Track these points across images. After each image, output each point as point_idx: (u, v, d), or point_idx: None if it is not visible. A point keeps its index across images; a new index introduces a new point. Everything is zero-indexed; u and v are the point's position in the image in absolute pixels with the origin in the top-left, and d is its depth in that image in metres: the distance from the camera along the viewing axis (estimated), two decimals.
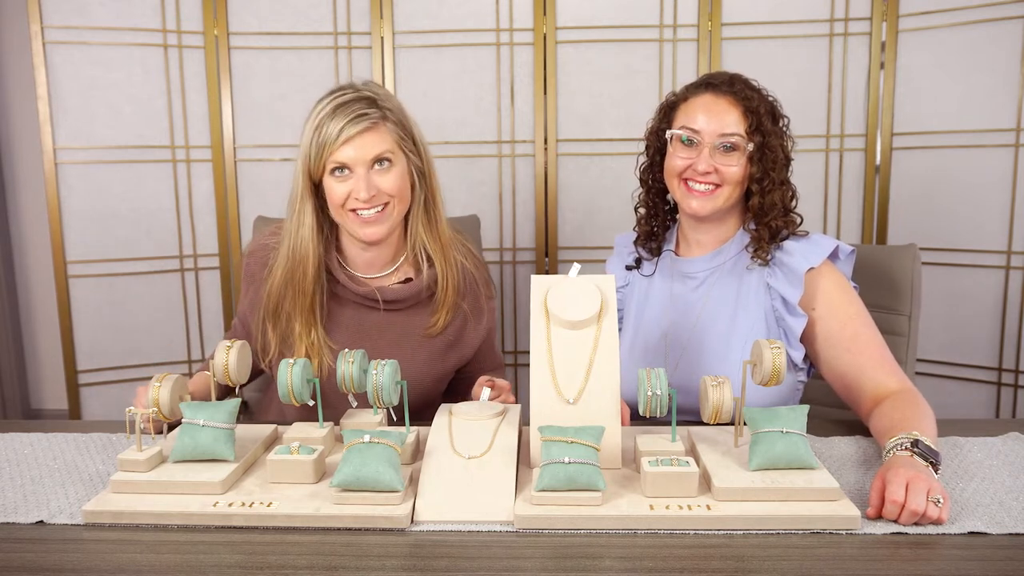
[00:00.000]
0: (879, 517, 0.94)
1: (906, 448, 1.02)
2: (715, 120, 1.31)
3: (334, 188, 1.30)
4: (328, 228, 1.38)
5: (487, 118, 2.58)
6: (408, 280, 1.41)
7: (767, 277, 1.35)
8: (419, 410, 1.36)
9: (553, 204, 2.59)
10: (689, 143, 1.33)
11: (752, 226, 1.38)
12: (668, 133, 1.37)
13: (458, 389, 1.54)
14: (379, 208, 1.31)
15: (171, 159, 2.61)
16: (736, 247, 1.40)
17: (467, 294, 1.44)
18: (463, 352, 1.46)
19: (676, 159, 1.35)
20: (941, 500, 0.92)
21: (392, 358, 1.36)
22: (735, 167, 1.32)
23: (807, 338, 1.33)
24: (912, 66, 2.41)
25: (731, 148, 1.31)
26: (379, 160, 1.30)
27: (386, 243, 1.39)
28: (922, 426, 1.07)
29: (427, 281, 1.39)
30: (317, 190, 1.33)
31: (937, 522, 0.92)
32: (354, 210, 1.31)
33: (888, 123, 2.46)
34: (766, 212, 1.34)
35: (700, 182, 1.33)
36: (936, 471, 1.00)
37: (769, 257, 1.35)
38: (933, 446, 1.02)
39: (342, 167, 1.29)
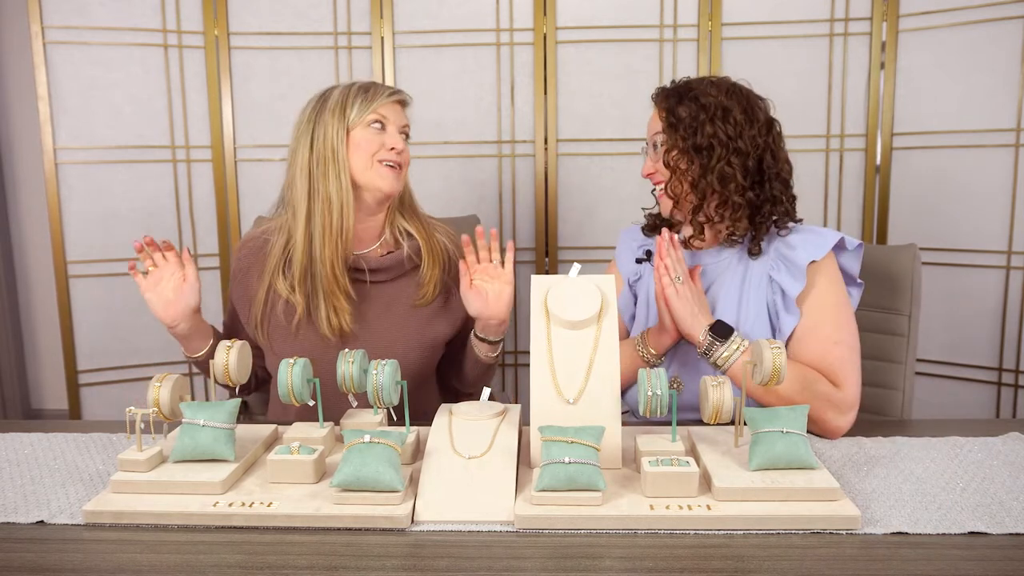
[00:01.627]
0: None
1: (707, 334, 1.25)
2: (650, 128, 1.44)
3: (370, 139, 1.42)
4: None
5: (487, 118, 2.58)
6: (390, 253, 1.50)
7: (770, 271, 1.35)
8: (414, 387, 1.44)
9: (553, 204, 2.59)
10: (645, 154, 1.47)
11: (696, 215, 1.39)
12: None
13: (452, 362, 1.59)
14: (397, 166, 1.44)
15: (171, 159, 2.61)
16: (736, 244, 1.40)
17: (450, 268, 1.53)
18: (451, 318, 1.51)
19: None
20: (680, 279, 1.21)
21: (382, 326, 1.45)
22: (658, 160, 1.41)
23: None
24: (912, 66, 2.42)
25: (656, 146, 1.41)
26: (405, 129, 1.48)
27: (372, 221, 1.49)
28: (790, 377, 1.21)
29: (408, 252, 1.48)
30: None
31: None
32: (381, 161, 1.42)
33: (888, 123, 2.46)
34: (701, 200, 1.37)
35: (654, 185, 1.44)
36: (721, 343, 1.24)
37: (702, 240, 1.41)
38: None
39: (381, 121, 1.43)
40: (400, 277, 1.48)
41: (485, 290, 1.38)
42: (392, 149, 1.42)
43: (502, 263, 1.38)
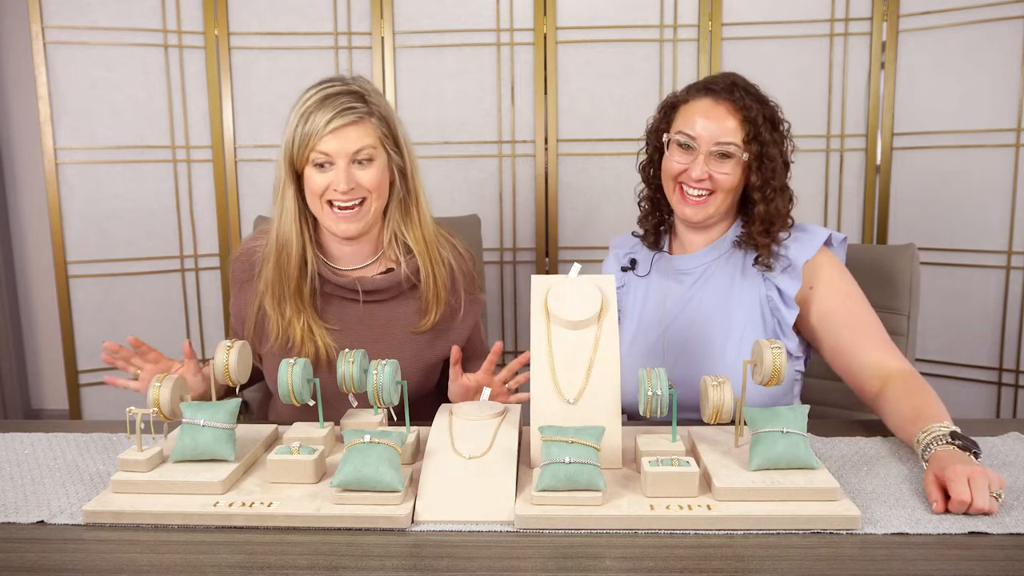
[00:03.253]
0: (946, 511, 0.94)
1: (947, 442, 1.02)
2: (712, 127, 1.32)
3: (314, 179, 1.32)
4: (311, 221, 1.40)
5: (487, 118, 2.58)
6: (389, 271, 1.42)
7: (763, 269, 1.36)
8: (413, 403, 1.36)
9: (553, 204, 2.59)
10: (686, 147, 1.34)
11: (758, 233, 1.36)
12: (665, 137, 1.38)
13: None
14: (356, 203, 1.33)
15: (171, 159, 2.61)
16: (728, 242, 1.40)
17: (453, 290, 1.44)
18: (450, 341, 1.44)
19: (673, 162, 1.36)
20: (1002, 494, 0.94)
21: (378, 350, 1.36)
22: (729, 175, 1.32)
23: (806, 320, 1.35)
24: (912, 66, 2.42)
25: (726, 156, 1.32)
26: (360, 154, 1.31)
27: (366, 238, 1.40)
28: (944, 414, 1.10)
29: (406, 272, 1.40)
30: (298, 179, 1.36)
31: (990, 512, 0.93)
32: (331, 203, 1.33)
33: (888, 123, 2.46)
34: (772, 220, 1.34)
35: (694, 187, 1.34)
36: (977, 459, 1.00)
37: (772, 262, 1.35)
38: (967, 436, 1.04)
39: (324, 158, 1.31)
40: (397, 298, 1.42)
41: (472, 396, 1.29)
42: (337, 190, 1.30)
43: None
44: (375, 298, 1.40)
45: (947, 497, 0.94)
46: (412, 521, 0.95)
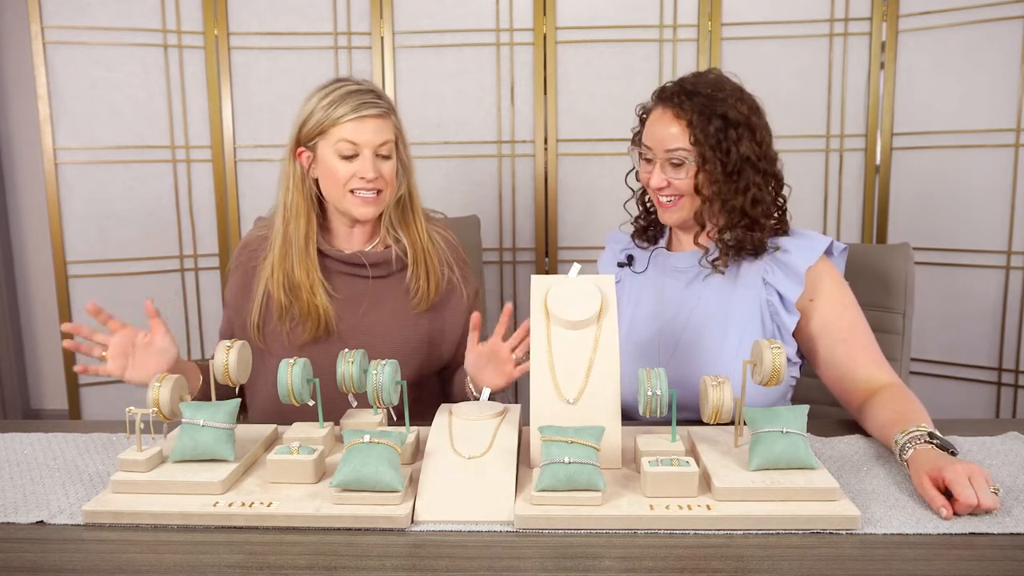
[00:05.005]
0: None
1: (926, 442, 1.03)
2: (661, 134, 1.33)
3: (339, 168, 1.39)
4: (316, 202, 1.46)
5: (487, 118, 2.58)
6: (387, 247, 1.50)
7: (764, 273, 1.35)
8: (414, 386, 1.44)
9: (553, 204, 2.59)
10: (648, 159, 1.37)
11: (708, 234, 1.36)
12: (635, 150, 1.40)
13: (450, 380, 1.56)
14: (375, 192, 1.40)
15: (171, 159, 2.61)
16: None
17: (450, 266, 1.51)
18: (451, 317, 1.50)
19: (643, 173, 1.40)
20: (999, 488, 0.95)
21: (378, 318, 1.45)
22: (684, 179, 1.33)
23: (803, 329, 1.34)
24: (912, 66, 2.42)
25: (678, 164, 1.32)
26: (383, 148, 1.39)
27: (364, 225, 1.49)
28: (925, 419, 1.10)
29: (397, 252, 1.48)
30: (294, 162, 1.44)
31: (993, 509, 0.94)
32: (353, 191, 1.39)
33: (888, 123, 2.46)
34: (730, 222, 1.33)
35: (662, 194, 1.36)
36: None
37: (724, 268, 1.35)
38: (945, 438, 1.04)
39: (352, 148, 1.37)
40: (396, 273, 1.48)
41: (485, 363, 1.30)
42: (364, 179, 1.37)
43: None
44: (378, 272, 1.47)
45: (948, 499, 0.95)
46: (412, 521, 0.95)
